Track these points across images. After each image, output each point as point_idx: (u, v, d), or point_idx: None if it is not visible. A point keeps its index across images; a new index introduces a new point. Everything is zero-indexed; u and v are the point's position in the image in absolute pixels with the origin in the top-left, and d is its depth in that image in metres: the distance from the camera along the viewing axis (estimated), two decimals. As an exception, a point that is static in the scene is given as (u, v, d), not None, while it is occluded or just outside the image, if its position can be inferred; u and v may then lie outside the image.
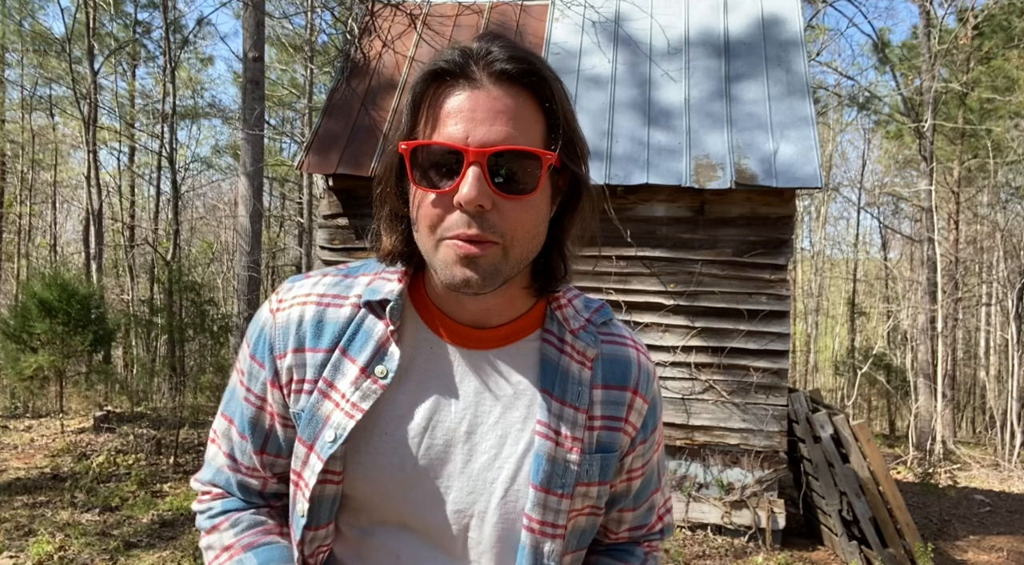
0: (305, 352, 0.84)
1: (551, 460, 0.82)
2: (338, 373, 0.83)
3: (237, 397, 0.91)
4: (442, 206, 0.75)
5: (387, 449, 0.82)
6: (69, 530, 5.12)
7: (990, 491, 9.22)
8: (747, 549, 5.51)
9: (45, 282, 9.41)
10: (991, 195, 17.79)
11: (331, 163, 6.13)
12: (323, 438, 0.81)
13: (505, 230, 0.75)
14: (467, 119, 0.74)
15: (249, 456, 0.90)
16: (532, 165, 0.75)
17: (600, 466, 0.86)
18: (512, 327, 0.86)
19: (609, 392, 0.87)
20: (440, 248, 0.76)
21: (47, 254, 20.52)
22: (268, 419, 0.89)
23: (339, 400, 0.82)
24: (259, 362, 0.87)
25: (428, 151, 0.75)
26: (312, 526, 0.83)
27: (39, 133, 19.77)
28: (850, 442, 5.21)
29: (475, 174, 0.72)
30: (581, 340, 0.87)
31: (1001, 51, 15.16)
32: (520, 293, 0.85)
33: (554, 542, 0.82)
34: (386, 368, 0.82)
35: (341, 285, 0.88)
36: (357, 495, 0.84)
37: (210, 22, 28.18)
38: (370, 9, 6.57)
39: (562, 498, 0.82)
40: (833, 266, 24.54)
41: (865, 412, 18.27)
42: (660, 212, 5.95)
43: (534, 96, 0.77)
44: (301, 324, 0.85)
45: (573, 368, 0.86)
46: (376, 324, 0.84)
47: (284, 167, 20.74)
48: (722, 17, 6.87)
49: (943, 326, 13.89)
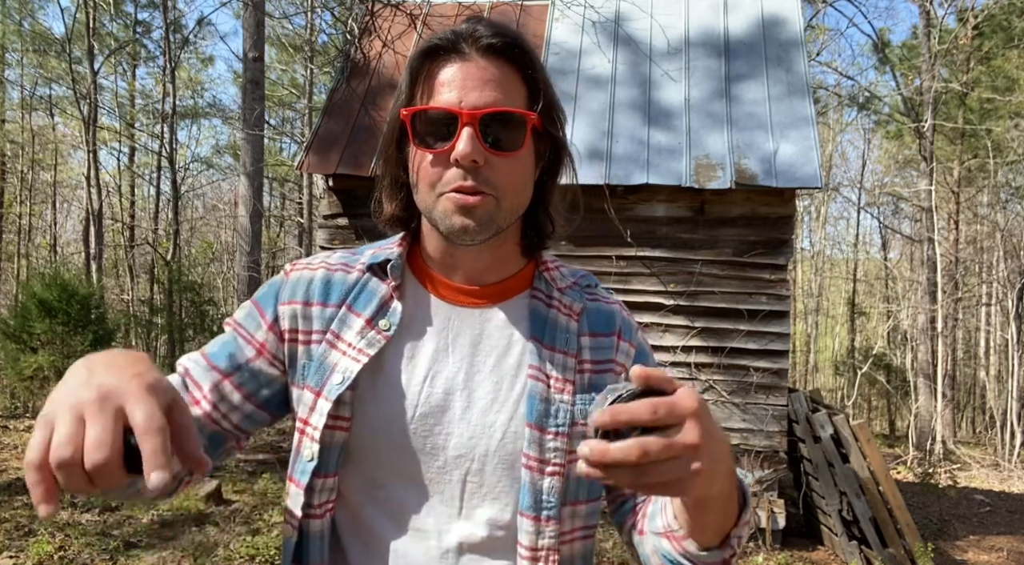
0: (313, 306, 0.91)
1: (544, 400, 0.87)
2: (344, 326, 0.90)
3: (222, 337, 0.94)
4: (440, 164, 0.83)
5: (390, 396, 0.87)
6: (69, 530, 5.12)
7: (990, 491, 9.22)
8: (747, 549, 5.51)
9: (45, 282, 9.40)
10: (991, 195, 17.79)
11: (331, 163, 6.13)
12: (331, 382, 0.87)
13: (497, 183, 0.83)
14: (459, 87, 0.83)
15: (207, 372, 0.89)
16: (517, 125, 0.84)
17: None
18: (503, 285, 0.93)
19: (596, 339, 0.94)
20: (440, 201, 0.84)
21: (47, 254, 20.51)
22: (252, 352, 0.91)
23: (346, 349, 0.88)
24: (259, 307, 0.93)
25: (426, 116, 0.84)
26: (321, 473, 0.87)
27: (39, 133, 19.78)
28: (850, 442, 5.21)
29: (469, 133, 0.81)
30: (567, 296, 0.95)
31: (1001, 51, 15.17)
32: (511, 252, 0.94)
33: (553, 479, 0.86)
34: (389, 321, 0.89)
35: (350, 257, 0.97)
36: (362, 442, 0.88)
37: (210, 22, 28.21)
38: (370, 9, 6.57)
39: (557, 436, 0.87)
40: (833, 266, 24.54)
41: (865, 412, 18.27)
42: (660, 212, 5.95)
43: (517, 67, 0.86)
44: (312, 282, 0.93)
45: (561, 319, 0.92)
46: (379, 285, 0.92)
47: (284, 167, 20.74)
48: (722, 17, 6.87)
49: (943, 326, 13.89)
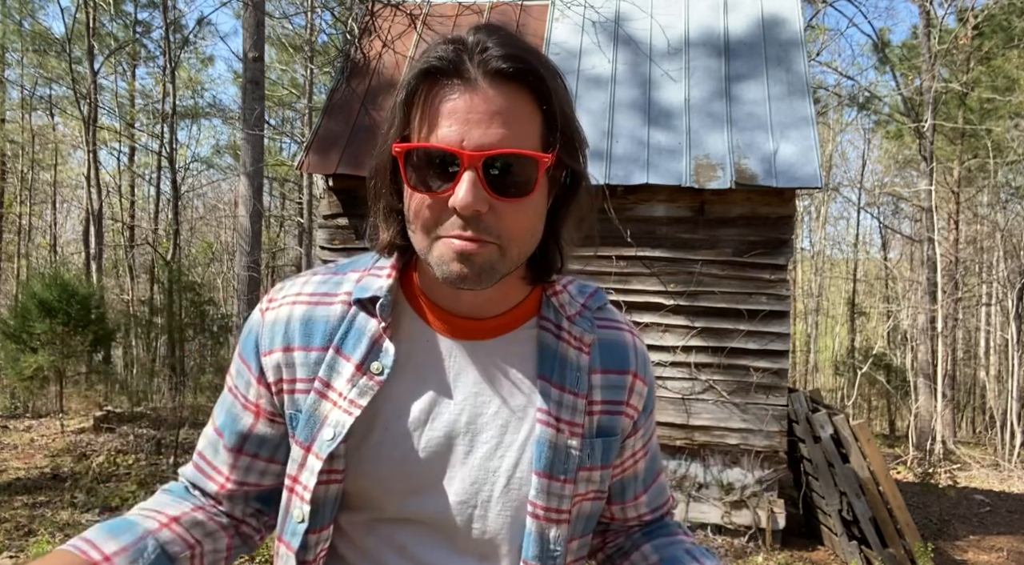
0: (295, 351, 0.83)
1: (552, 447, 0.82)
2: (334, 372, 0.82)
3: (224, 399, 0.91)
4: (437, 209, 0.74)
5: (388, 443, 0.81)
6: (69, 530, 5.12)
7: (990, 491, 9.22)
8: (747, 549, 5.51)
9: (45, 282, 9.41)
10: (991, 195, 17.79)
11: (331, 163, 6.13)
12: (321, 437, 0.80)
13: (502, 231, 0.74)
14: (462, 121, 0.72)
15: (219, 452, 0.89)
16: (529, 167, 0.74)
17: (602, 450, 0.86)
18: (508, 317, 0.85)
19: (608, 376, 0.88)
20: (436, 246, 0.75)
21: (47, 254, 20.51)
22: (251, 417, 0.87)
23: (336, 399, 0.81)
24: (245, 361, 0.87)
25: (423, 154, 0.74)
26: (315, 529, 0.82)
27: (39, 133, 19.78)
28: (850, 442, 5.21)
29: (470, 179, 0.71)
30: (578, 326, 0.87)
31: (1001, 51, 15.16)
32: (516, 283, 0.85)
33: (559, 528, 0.83)
34: (382, 364, 0.81)
35: (330, 282, 0.87)
36: (359, 491, 0.83)
37: (210, 22, 28.20)
38: (370, 9, 6.56)
39: (565, 483, 0.82)
40: (833, 266, 24.54)
41: (865, 412, 18.27)
42: (660, 212, 5.95)
43: (531, 94, 0.75)
44: (289, 322, 0.84)
45: (571, 354, 0.85)
46: (368, 321, 0.83)
47: (284, 167, 20.73)
48: (722, 17, 6.87)
49: (943, 326, 13.89)
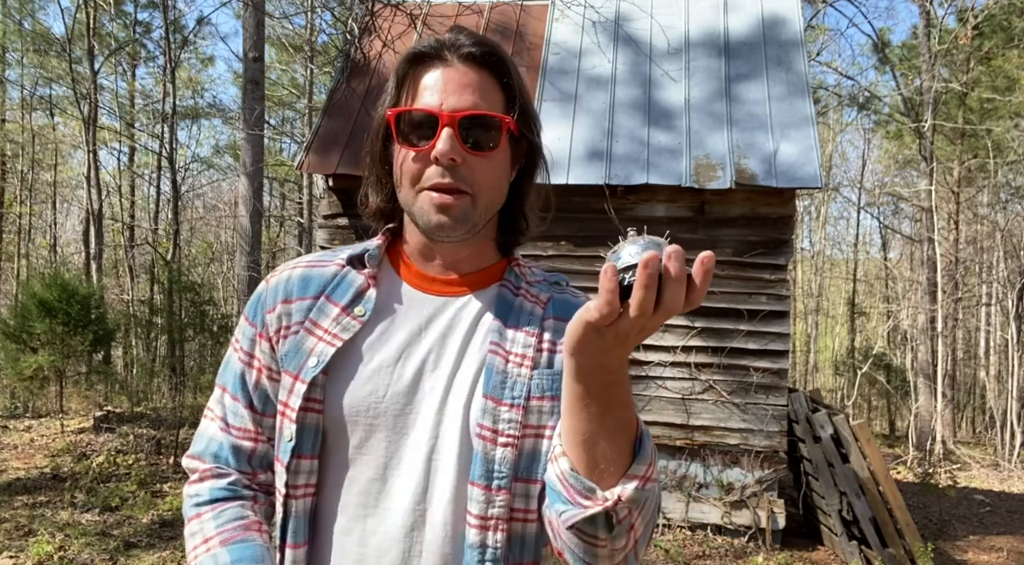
0: (292, 302, 0.97)
1: (501, 372, 0.90)
2: (322, 314, 0.95)
3: (230, 363, 1.01)
4: (421, 162, 0.89)
5: (362, 377, 0.91)
6: (69, 530, 5.12)
7: (990, 491, 9.22)
8: (747, 549, 5.51)
9: (45, 282, 9.40)
10: (991, 195, 17.79)
11: (331, 163, 6.13)
12: (307, 365, 0.92)
13: (473, 181, 0.89)
14: (441, 90, 0.89)
15: (241, 416, 0.99)
16: (494, 128, 0.90)
17: (553, 381, 0.91)
18: (476, 277, 0.98)
19: (559, 322, 0.94)
20: (419, 198, 0.90)
21: (47, 254, 20.50)
22: (256, 375, 0.99)
23: (322, 334, 0.93)
24: (250, 321, 1.00)
25: (409, 116, 0.90)
26: (298, 454, 0.91)
27: (39, 133, 19.77)
28: (850, 442, 5.21)
29: (448, 134, 0.87)
30: (536, 287, 0.99)
31: (1001, 51, 15.15)
32: (487, 247, 0.99)
33: (505, 450, 0.88)
34: (364, 308, 0.94)
35: (327, 254, 1.02)
36: (335, 425, 0.91)
37: (210, 22, 28.19)
38: (370, 9, 6.56)
39: (512, 408, 0.88)
40: (833, 266, 24.52)
41: (865, 412, 18.26)
42: (660, 212, 5.95)
43: (495, 75, 0.92)
44: (289, 281, 0.99)
45: (526, 305, 0.96)
46: (357, 276, 0.97)
47: (284, 167, 20.72)
48: (722, 17, 6.87)
49: (943, 326, 13.89)
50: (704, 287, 0.64)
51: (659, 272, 0.63)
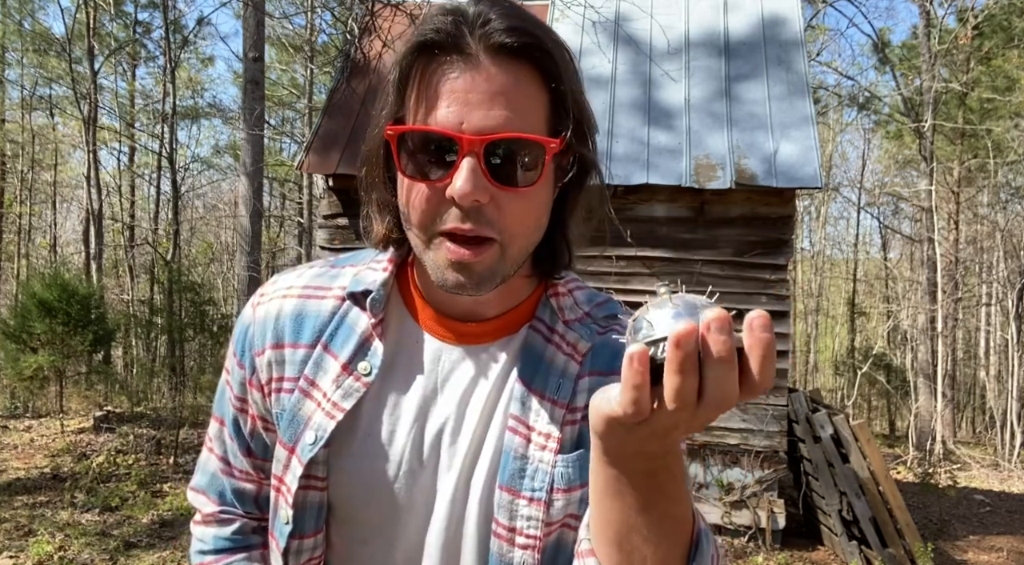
0: (284, 348, 0.79)
1: (519, 458, 0.73)
2: (320, 370, 0.77)
3: (224, 398, 0.86)
4: (434, 199, 0.67)
5: (370, 452, 0.76)
6: (69, 530, 5.12)
7: (990, 491, 9.22)
8: (747, 549, 5.51)
9: (45, 282, 9.40)
10: (991, 195, 17.79)
11: (331, 163, 6.13)
12: (304, 440, 0.76)
13: (503, 225, 0.67)
14: (461, 102, 0.64)
15: (241, 460, 0.87)
16: (534, 153, 0.66)
17: (581, 466, 0.74)
18: (505, 319, 0.78)
19: (601, 379, 0.75)
20: (432, 248, 0.69)
21: (47, 254, 20.51)
22: (251, 423, 0.84)
23: (320, 399, 0.76)
24: (239, 360, 0.83)
25: (417, 138, 0.67)
26: (298, 535, 0.77)
27: (39, 133, 19.77)
28: (850, 442, 5.21)
29: (470, 166, 0.64)
30: (573, 331, 0.77)
31: (1001, 51, 15.16)
32: (518, 282, 0.77)
33: (524, 553, 0.72)
34: (369, 364, 0.75)
35: (325, 276, 0.81)
36: (342, 503, 0.78)
37: (210, 22, 28.21)
38: (370, 9, 6.56)
39: (531, 502, 0.73)
40: (833, 266, 24.52)
41: (865, 412, 18.26)
42: (660, 212, 5.95)
43: (538, 72, 0.67)
44: (279, 318, 0.79)
45: (558, 359, 0.76)
46: (360, 317, 0.77)
47: (284, 167, 20.72)
48: (723, 17, 6.87)
49: (943, 326, 13.89)
50: (766, 368, 0.47)
51: (698, 351, 0.46)
